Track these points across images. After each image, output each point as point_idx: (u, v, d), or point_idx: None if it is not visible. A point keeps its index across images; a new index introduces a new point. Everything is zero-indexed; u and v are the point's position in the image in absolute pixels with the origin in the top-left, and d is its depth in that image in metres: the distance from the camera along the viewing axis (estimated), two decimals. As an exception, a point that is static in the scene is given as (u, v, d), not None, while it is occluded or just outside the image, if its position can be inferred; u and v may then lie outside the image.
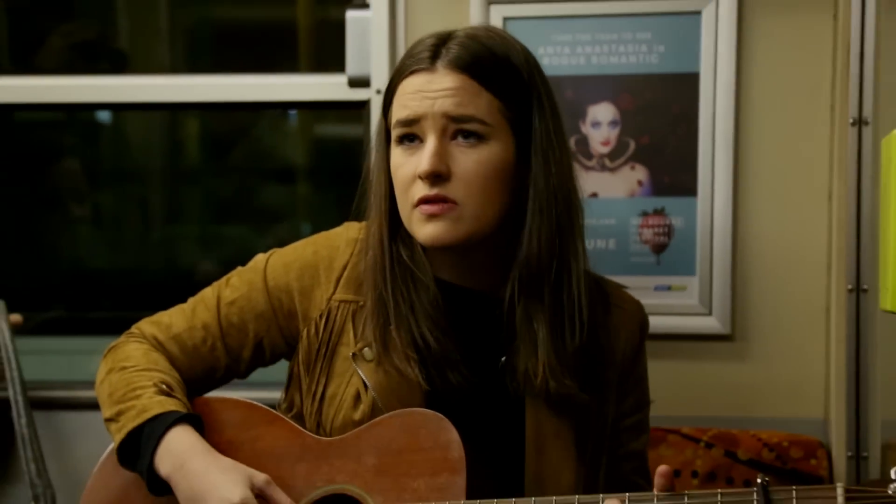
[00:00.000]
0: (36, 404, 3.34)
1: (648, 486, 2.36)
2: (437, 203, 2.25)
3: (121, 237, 5.33)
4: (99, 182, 5.34)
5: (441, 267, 2.39)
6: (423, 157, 2.25)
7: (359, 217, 2.48)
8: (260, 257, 2.53)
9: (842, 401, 3.06)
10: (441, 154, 2.25)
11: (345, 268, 2.44)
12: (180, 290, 2.61)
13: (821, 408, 3.18)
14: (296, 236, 2.70)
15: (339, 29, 3.39)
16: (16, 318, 3.31)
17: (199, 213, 5.42)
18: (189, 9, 4.58)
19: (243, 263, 2.55)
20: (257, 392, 2.76)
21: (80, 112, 4.82)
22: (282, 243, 2.56)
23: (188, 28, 4.52)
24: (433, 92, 2.25)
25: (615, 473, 2.45)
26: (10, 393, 3.19)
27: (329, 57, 3.60)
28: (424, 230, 2.28)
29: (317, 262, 2.46)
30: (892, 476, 1.91)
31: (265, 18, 4.57)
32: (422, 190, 2.26)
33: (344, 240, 2.48)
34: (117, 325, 2.60)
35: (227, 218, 5.35)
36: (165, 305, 2.61)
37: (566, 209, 2.38)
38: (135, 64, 3.84)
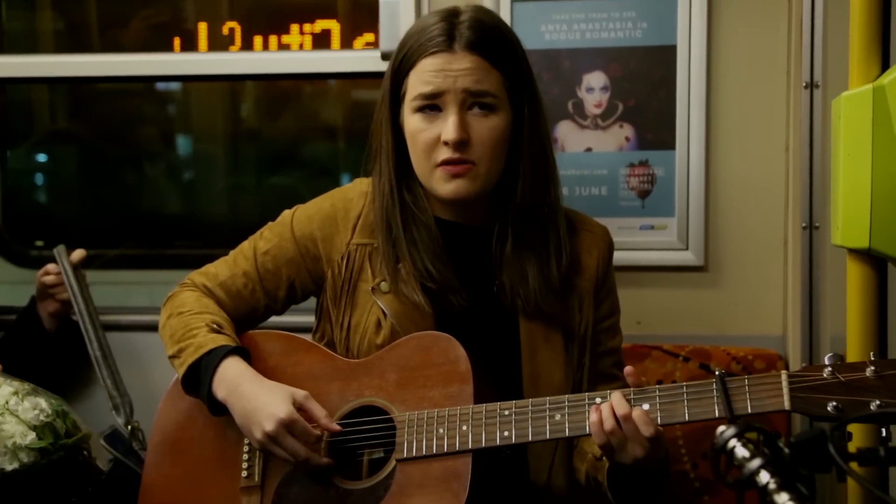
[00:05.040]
0: (117, 327, 3.40)
1: (624, 377, 2.44)
2: (460, 165, 2.31)
3: (190, 187, 5.37)
4: (171, 141, 5.38)
5: (439, 208, 2.44)
6: (448, 127, 2.29)
7: (368, 173, 2.52)
8: (287, 213, 2.58)
9: (797, 320, 3.08)
10: (463, 124, 2.30)
11: (359, 216, 2.49)
12: (240, 230, 2.65)
13: (780, 326, 3.20)
14: (336, 185, 2.72)
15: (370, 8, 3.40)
16: (79, 253, 3.30)
17: (256, 167, 5.45)
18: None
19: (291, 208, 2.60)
20: (291, 316, 2.77)
21: (155, 82, 4.85)
22: (325, 192, 2.60)
23: (246, 11, 4.54)
24: (454, 71, 2.30)
25: (597, 368, 2.51)
26: (80, 323, 3.21)
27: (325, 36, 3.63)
28: (447, 187, 2.34)
29: (334, 213, 2.51)
30: (826, 362, 1.96)
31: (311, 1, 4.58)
32: (446, 153, 2.31)
33: (356, 192, 2.53)
34: (190, 261, 2.65)
35: (279, 170, 5.38)
36: (228, 243, 2.66)
37: (551, 163, 2.46)
38: (200, 41, 3.84)
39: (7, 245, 4.17)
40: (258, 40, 3.65)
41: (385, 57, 3.26)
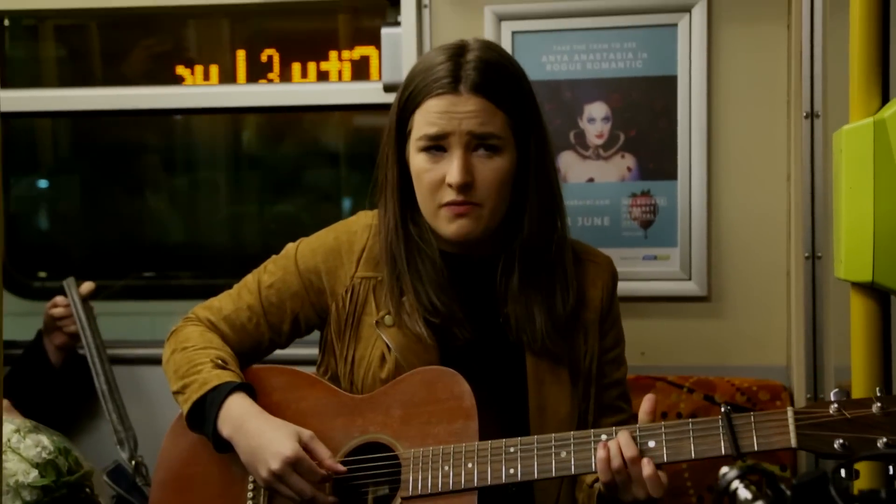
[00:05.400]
0: (121, 360, 3.40)
1: (630, 409, 2.48)
2: (464, 205, 2.30)
3: (194, 216, 5.36)
4: (174, 169, 5.38)
5: (444, 240, 2.42)
6: (453, 170, 2.28)
7: (373, 204, 2.52)
8: (290, 246, 2.57)
9: (801, 350, 3.06)
10: (468, 166, 2.29)
11: (363, 249, 2.49)
12: (244, 260, 2.64)
13: (784, 356, 3.19)
14: (338, 211, 2.73)
15: (372, 37, 3.42)
16: (87, 286, 3.31)
17: (258, 195, 5.44)
18: (248, 23, 4.60)
19: (294, 237, 2.59)
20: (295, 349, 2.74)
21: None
22: (328, 219, 2.61)
23: (247, 39, 4.53)
24: (459, 113, 2.28)
25: (603, 400, 2.49)
26: (87, 356, 3.22)
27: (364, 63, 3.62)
28: (451, 227, 2.33)
29: (338, 246, 2.51)
30: (832, 398, 1.96)
31: (312, 29, 4.58)
32: (450, 195, 2.30)
33: (360, 225, 2.53)
34: (193, 291, 2.64)
35: (281, 198, 5.37)
36: (232, 273, 2.65)
37: (558, 198, 2.45)
38: (202, 71, 3.85)
39: (10, 276, 4.16)
40: (297, 68, 3.64)
41: (387, 88, 3.26)
